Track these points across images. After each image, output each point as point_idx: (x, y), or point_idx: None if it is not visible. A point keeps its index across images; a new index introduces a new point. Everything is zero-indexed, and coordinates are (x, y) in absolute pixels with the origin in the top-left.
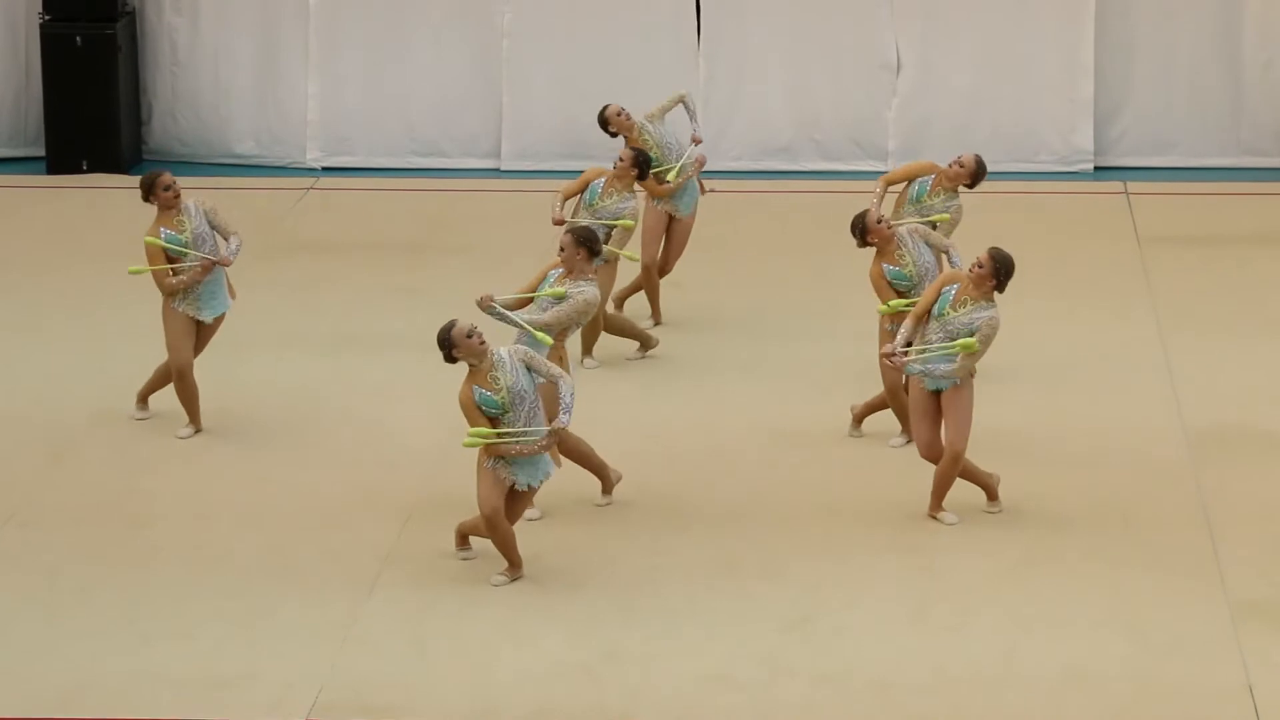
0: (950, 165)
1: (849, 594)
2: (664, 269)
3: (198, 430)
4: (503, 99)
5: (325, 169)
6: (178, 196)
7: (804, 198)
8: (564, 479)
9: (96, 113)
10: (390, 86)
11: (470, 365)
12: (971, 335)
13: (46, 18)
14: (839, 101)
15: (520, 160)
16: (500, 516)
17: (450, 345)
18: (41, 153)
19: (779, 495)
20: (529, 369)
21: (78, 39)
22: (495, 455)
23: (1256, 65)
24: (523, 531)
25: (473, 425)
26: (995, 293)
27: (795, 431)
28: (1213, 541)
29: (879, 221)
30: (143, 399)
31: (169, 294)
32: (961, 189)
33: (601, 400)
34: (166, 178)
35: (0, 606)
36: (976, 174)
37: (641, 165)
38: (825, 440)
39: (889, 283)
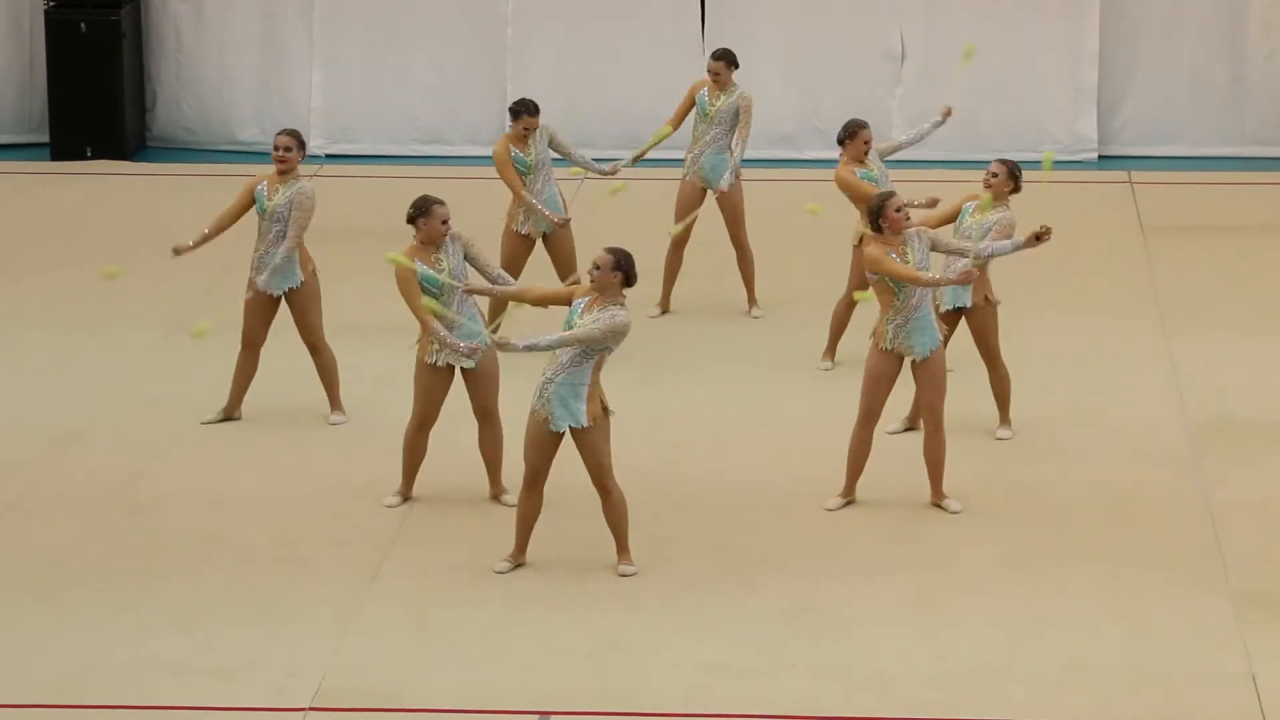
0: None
1: (850, 585)
2: (737, 244)
3: (227, 419)
4: (506, 87)
5: (329, 156)
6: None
7: (807, 186)
8: (562, 469)
9: (101, 99)
10: (393, 74)
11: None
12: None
13: (51, 4)
14: (842, 90)
15: None
16: (539, 481)
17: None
18: (46, 139)
19: (780, 485)
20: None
21: (82, 25)
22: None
23: (1260, 55)
24: None
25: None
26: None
27: (796, 421)
28: (1215, 532)
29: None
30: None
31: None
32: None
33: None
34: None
35: (2, 594)
36: (841, 138)
37: (530, 109)
38: (826, 430)
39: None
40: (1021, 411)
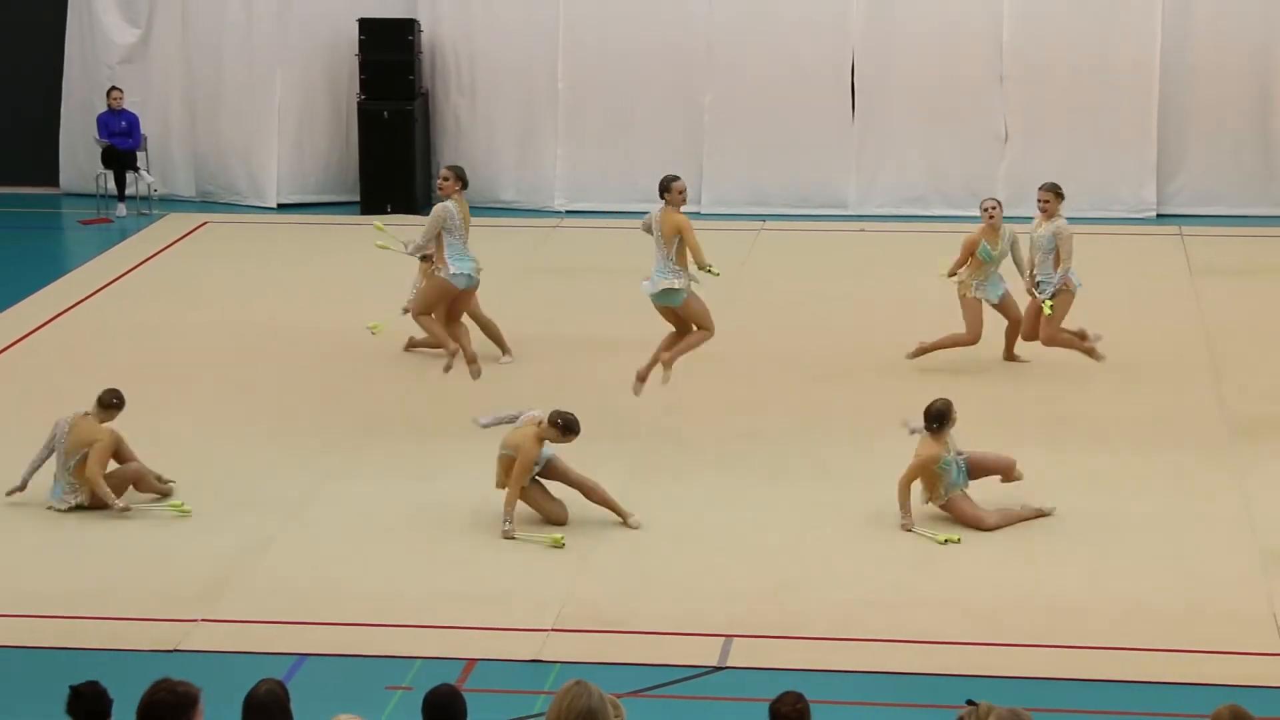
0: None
1: (967, 543)
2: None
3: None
4: (702, 160)
5: (568, 212)
6: None
7: (934, 237)
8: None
9: (398, 168)
10: (619, 149)
11: None
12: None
13: (363, 98)
14: (961, 164)
15: (715, 205)
16: None
17: None
18: (357, 198)
19: None
20: None
21: (385, 113)
22: None
23: None
24: None
25: None
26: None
27: None
28: (1249, 507)
29: None
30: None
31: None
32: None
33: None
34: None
35: (329, 543)
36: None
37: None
38: None
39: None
40: (1096, 402)
